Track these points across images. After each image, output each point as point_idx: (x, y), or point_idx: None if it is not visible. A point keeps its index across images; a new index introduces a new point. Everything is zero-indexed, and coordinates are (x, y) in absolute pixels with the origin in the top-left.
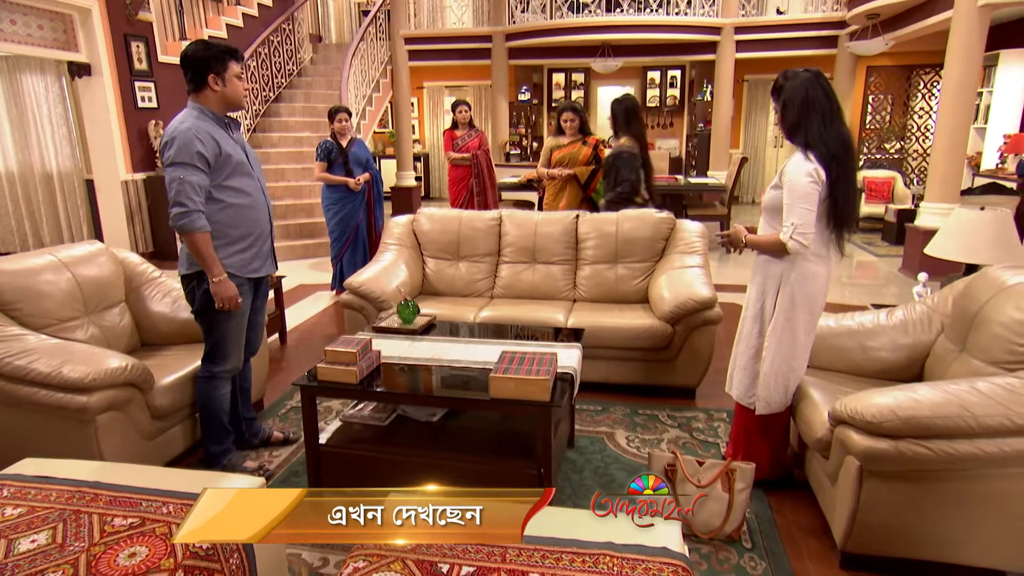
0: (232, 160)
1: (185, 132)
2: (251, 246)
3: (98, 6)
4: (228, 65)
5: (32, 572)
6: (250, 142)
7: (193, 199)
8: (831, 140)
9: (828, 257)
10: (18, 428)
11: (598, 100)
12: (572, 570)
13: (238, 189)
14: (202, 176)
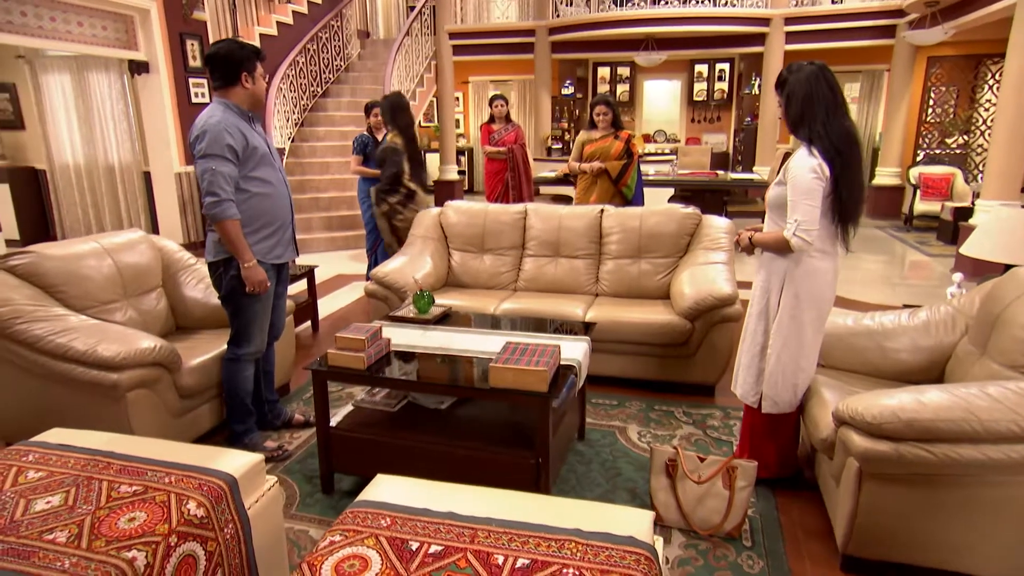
0: (258, 152)
1: (215, 126)
2: (274, 234)
3: (156, 7)
4: (256, 64)
5: (43, 529)
6: (296, 136)
7: (225, 188)
8: (835, 134)
9: (834, 253)
10: (58, 402)
11: (644, 94)
12: (536, 554)
13: (263, 179)
14: (232, 167)
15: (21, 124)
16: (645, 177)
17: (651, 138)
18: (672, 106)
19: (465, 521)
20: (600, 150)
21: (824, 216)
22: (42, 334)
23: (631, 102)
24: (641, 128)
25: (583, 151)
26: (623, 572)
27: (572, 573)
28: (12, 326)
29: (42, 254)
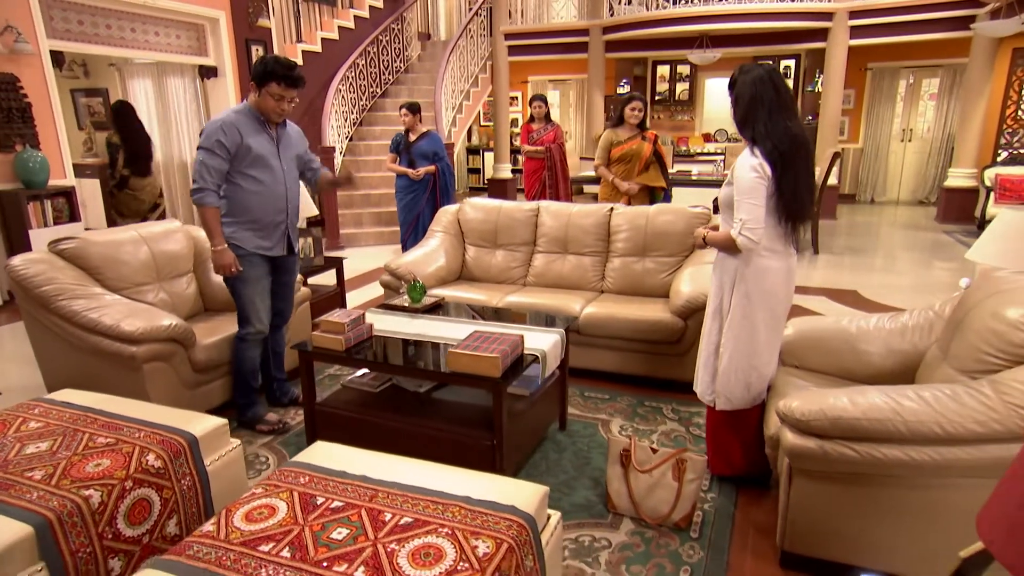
0: (252, 153)
1: (214, 123)
2: (260, 228)
3: (225, 16)
4: (268, 84)
5: (25, 468)
6: (355, 135)
7: (206, 178)
8: (776, 136)
9: (784, 252)
10: (91, 369)
11: (705, 92)
12: (423, 514)
13: (254, 178)
14: (219, 161)
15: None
16: (688, 177)
17: (711, 137)
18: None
19: (373, 484)
20: (630, 153)
21: (771, 216)
22: (78, 309)
23: (691, 100)
24: (701, 127)
25: (610, 154)
26: (491, 534)
27: (446, 531)
28: (55, 301)
29: (87, 240)
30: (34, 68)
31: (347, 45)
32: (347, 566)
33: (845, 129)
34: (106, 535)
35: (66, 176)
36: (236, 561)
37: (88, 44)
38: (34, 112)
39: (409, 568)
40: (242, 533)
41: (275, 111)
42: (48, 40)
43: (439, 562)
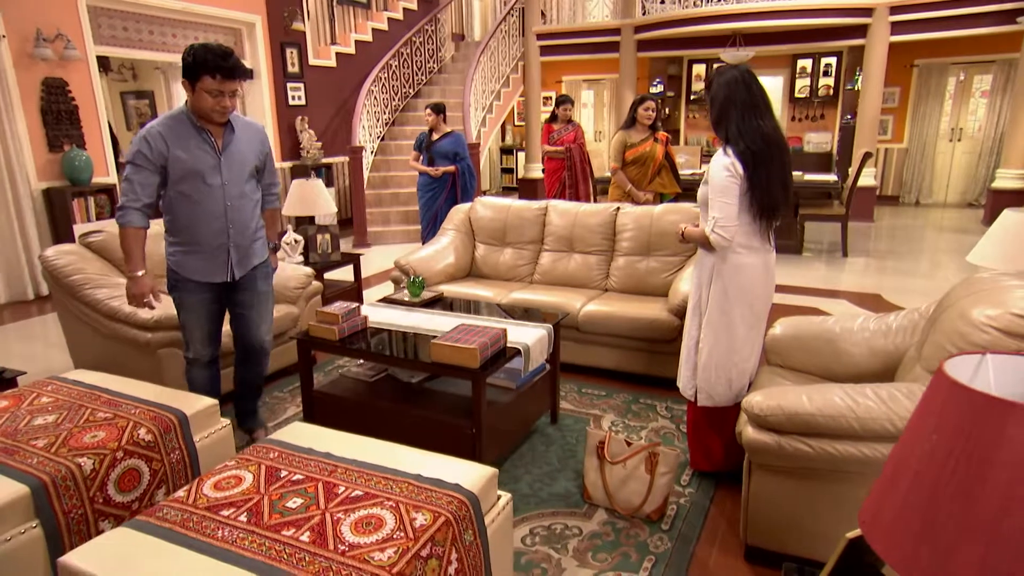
0: (181, 166)
1: (139, 133)
2: (196, 252)
3: (261, 20)
4: (201, 77)
5: (31, 437)
6: (387, 135)
7: (128, 195)
8: (748, 135)
9: (762, 249)
10: (113, 354)
11: None
12: (373, 489)
13: (186, 195)
14: (145, 175)
15: None
16: None
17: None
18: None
19: (335, 460)
20: (643, 155)
21: (746, 213)
22: (101, 298)
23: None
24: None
25: (624, 156)
26: (431, 508)
27: (390, 504)
28: (82, 290)
29: (112, 233)
30: (81, 73)
31: (380, 47)
32: (295, 531)
33: (889, 128)
34: (97, 499)
35: (109, 174)
36: (198, 523)
37: (132, 49)
38: (80, 114)
39: (350, 535)
40: (208, 499)
41: (214, 110)
42: (95, 46)
43: (378, 530)
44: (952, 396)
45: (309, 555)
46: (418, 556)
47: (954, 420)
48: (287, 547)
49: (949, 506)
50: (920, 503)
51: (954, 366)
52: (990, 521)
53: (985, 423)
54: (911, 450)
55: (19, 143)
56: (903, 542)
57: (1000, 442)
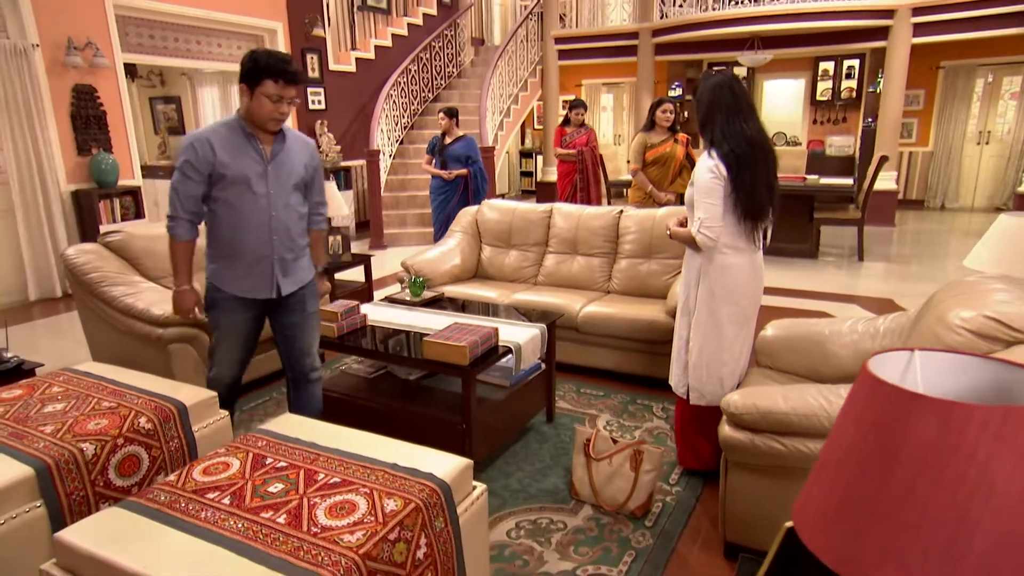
0: (228, 175)
1: (186, 139)
2: (236, 265)
3: (282, 27)
4: (262, 81)
5: (40, 423)
6: (405, 139)
7: (176, 206)
8: (732, 139)
9: (749, 250)
10: (128, 349)
11: (763, 95)
12: (351, 476)
13: (230, 203)
14: (191, 184)
15: (183, 130)
16: None
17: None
18: (794, 107)
19: (318, 449)
20: (664, 156)
21: (731, 214)
22: (117, 295)
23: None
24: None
25: (645, 156)
26: (402, 495)
27: (365, 491)
28: (99, 287)
29: (130, 233)
30: (109, 80)
31: (400, 52)
32: (272, 513)
33: (913, 131)
34: (98, 483)
35: (134, 177)
36: (185, 505)
37: (158, 56)
38: (108, 119)
39: (323, 518)
40: (196, 483)
41: (271, 116)
42: (123, 54)
43: (350, 515)
44: (870, 390)
45: (283, 536)
46: (386, 539)
47: (870, 413)
48: (264, 528)
49: (861, 495)
50: (838, 492)
51: (884, 363)
52: (894, 509)
53: (894, 415)
54: (835, 443)
55: (50, 147)
56: (821, 529)
57: (906, 434)
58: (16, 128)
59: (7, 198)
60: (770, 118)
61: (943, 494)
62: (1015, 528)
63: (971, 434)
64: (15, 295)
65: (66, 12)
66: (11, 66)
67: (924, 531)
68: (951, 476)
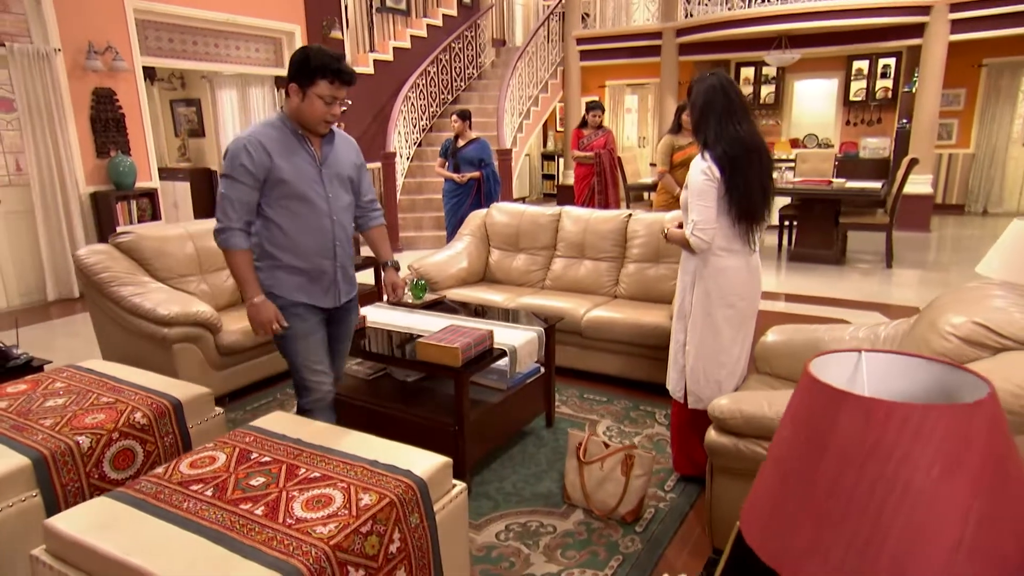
0: (286, 180)
1: (236, 142)
2: (301, 272)
3: (300, 29)
4: (315, 81)
5: (41, 417)
6: (423, 141)
7: (229, 215)
8: (726, 141)
9: (743, 252)
10: (136, 348)
11: (793, 95)
12: (331, 472)
13: (290, 210)
14: (245, 191)
15: (203, 132)
16: None
17: (800, 143)
18: (826, 107)
19: (302, 446)
20: (691, 157)
21: (725, 216)
22: (126, 295)
23: (777, 104)
24: (789, 132)
25: (672, 158)
26: (378, 490)
27: (342, 485)
28: (108, 287)
29: (140, 235)
30: (128, 83)
31: (419, 53)
32: (251, 505)
33: (953, 132)
34: (93, 475)
35: (151, 179)
36: (169, 496)
37: (176, 59)
38: (127, 122)
39: (299, 510)
40: (182, 475)
41: (324, 118)
42: (142, 57)
43: (325, 508)
44: (806, 388)
45: (259, 526)
46: (357, 532)
47: (804, 410)
48: (241, 519)
49: (793, 490)
50: (774, 488)
51: (832, 363)
52: (819, 504)
53: (824, 412)
54: (776, 440)
55: (70, 150)
56: (760, 524)
57: (834, 430)
58: (38, 131)
59: (27, 199)
60: (800, 119)
61: (864, 489)
62: (926, 524)
63: (891, 431)
64: (34, 295)
65: (87, 17)
66: (34, 70)
67: (846, 525)
68: (872, 472)
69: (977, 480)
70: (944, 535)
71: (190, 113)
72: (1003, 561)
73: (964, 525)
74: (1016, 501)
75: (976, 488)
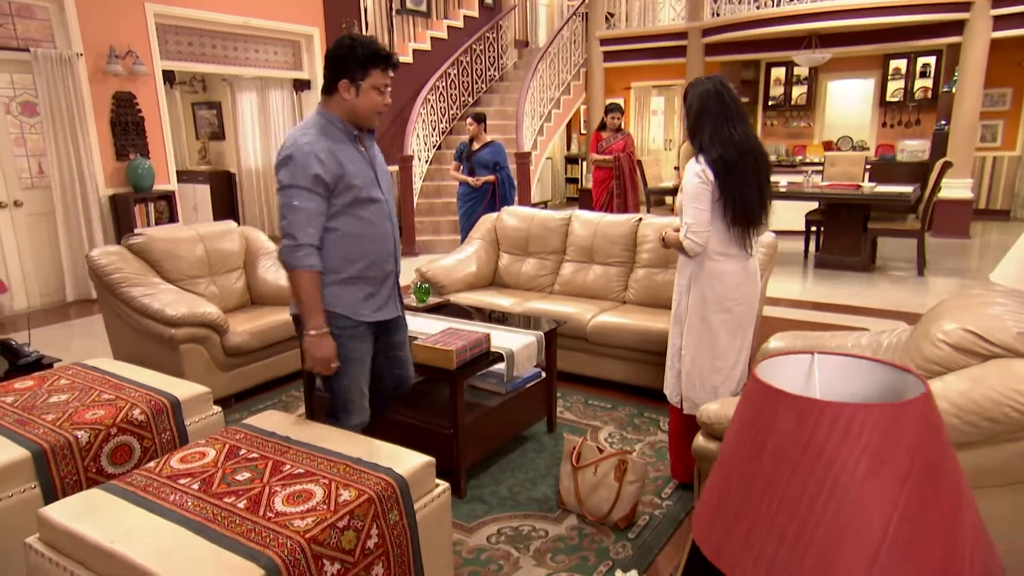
0: (355, 184)
1: (299, 149)
2: (368, 283)
3: (319, 32)
4: (370, 72)
5: (44, 412)
6: (443, 144)
7: (307, 231)
8: (720, 145)
9: (740, 256)
10: (145, 348)
11: (826, 96)
12: (314, 468)
13: (359, 217)
14: (319, 202)
15: (223, 135)
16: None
17: (834, 145)
18: (862, 108)
19: (290, 444)
20: None
21: (720, 220)
22: (136, 295)
23: (809, 105)
24: (822, 135)
25: None
26: (358, 486)
27: (324, 481)
28: (119, 288)
29: (152, 237)
30: (148, 87)
31: (440, 55)
32: (234, 499)
33: (998, 134)
34: (90, 469)
35: (170, 182)
36: (157, 489)
37: (196, 63)
38: (146, 125)
39: (280, 505)
40: (172, 470)
41: (379, 109)
42: (161, 61)
43: (305, 502)
44: (751, 388)
45: (240, 519)
46: (334, 526)
47: (749, 410)
48: (223, 511)
49: (735, 488)
50: (719, 487)
51: (787, 365)
52: (756, 501)
53: (764, 411)
54: (725, 440)
55: (90, 152)
56: (706, 522)
57: (771, 429)
58: (60, 134)
59: (48, 201)
60: (834, 121)
61: (796, 487)
62: (852, 521)
63: (822, 430)
64: (53, 295)
65: (109, 22)
66: (56, 75)
67: (777, 521)
68: (803, 470)
69: (903, 479)
70: (868, 531)
71: (211, 116)
72: (927, 558)
73: (888, 522)
74: (943, 500)
75: (902, 486)
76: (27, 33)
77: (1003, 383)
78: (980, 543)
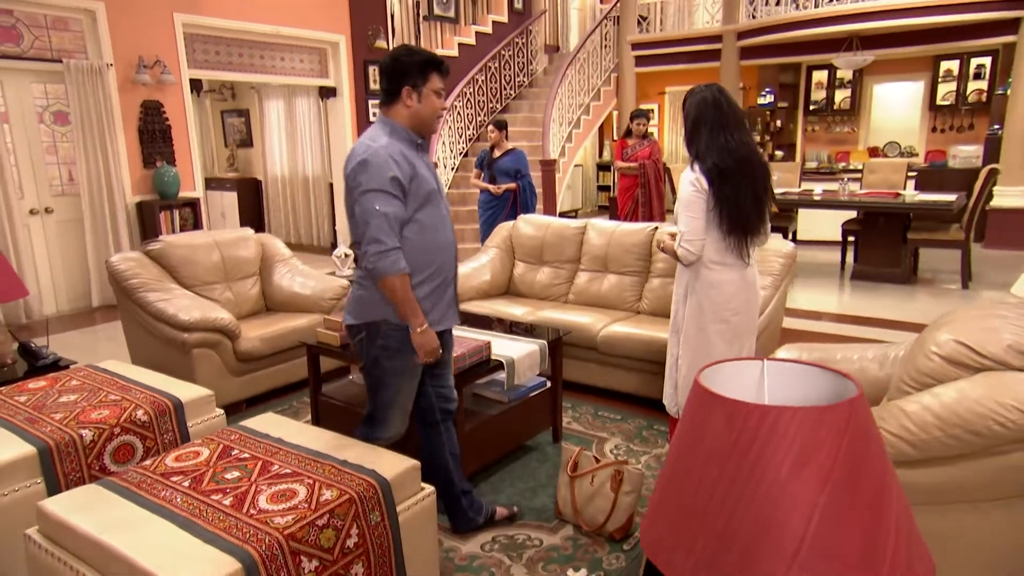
0: (424, 188)
1: (379, 153)
2: (434, 292)
3: (345, 40)
4: (429, 77)
5: (53, 411)
6: (470, 152)
7: (387, 233)
8: (716, 153)
9: (737, 264)
10: (159, 351)
11: (872, 100)
12: (301, 469)
13: (426, 224)
14: (399, 206)
15: (250, 142)
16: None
17: (880, 152)
18: (910, 113)
19: (283, 445)
20: None
21: (716, 228)
22: (152, 300)
23: (853, 110)
24: (867, 140)
25: None
26: (340, 486)
27: (308, 481)
28: (136, 293)
29: (169, 243)
30: (175, 95)
31: (468, 61)
32: (221, 496)
33: None
34: (94, 466)
35: (195, 189)
36: (150, 485)
37: (223, 71)
38: (172, 133)
39: (264, 503)
40: (166, 467)
41: (439, 114)
42: (188, 70)
43: (288, 501)
44: (693, 393)
45: (223, 515)
46: (313, 524)
47: (690, 415)
48: (209, 508)
49: (674, 488)
50: (661, 485)
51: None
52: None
53: (701, 414)
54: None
55: (119, 160)
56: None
57: (705, 430)
58: (89, 142)
59: (77, 208)
60: (881, 126)
61: (723, 485)
62: (773, 518)
63: (749, 430)
64: (80, 301)
65: (139, 32)
66: (87, 85)
67: (706, 519)
68: (731, 469)
69: (825, 479)
70: (790, 528)
71: (240, 123)
72: (846, 556)
73: (809, 520)
74: (864, 501)
75: (823, 486)
76: (60, 44)
77: (989, 396)
78: (904, 545)
